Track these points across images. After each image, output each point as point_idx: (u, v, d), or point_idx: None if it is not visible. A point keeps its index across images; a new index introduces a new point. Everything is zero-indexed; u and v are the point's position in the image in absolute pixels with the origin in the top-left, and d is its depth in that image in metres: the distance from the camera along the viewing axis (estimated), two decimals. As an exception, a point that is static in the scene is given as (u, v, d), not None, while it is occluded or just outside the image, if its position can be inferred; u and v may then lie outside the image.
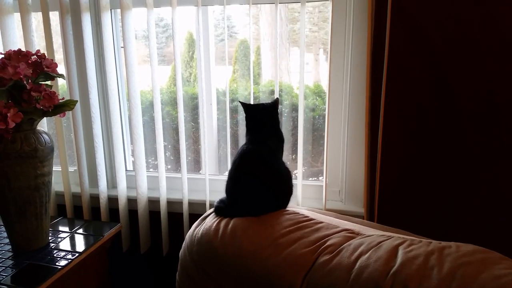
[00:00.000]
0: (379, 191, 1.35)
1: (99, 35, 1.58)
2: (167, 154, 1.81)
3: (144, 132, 1.65)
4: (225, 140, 1.59)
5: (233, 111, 1.69)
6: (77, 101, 1.32)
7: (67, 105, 1.30)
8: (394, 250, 0.92)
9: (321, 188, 1.53)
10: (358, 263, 0.92)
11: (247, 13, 1.72)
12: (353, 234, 1.05)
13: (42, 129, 1.30)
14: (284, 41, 1.67)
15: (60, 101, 1.28)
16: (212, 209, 1.25)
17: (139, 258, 1.65)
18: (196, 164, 1.79)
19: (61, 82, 1.72)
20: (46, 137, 1.29)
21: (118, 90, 1.65)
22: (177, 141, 1.72)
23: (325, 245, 1.01)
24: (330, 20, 1.36)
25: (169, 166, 1.83)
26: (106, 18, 1.50)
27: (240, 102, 1.30)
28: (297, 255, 1.01)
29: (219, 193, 1.59)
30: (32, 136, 1.24)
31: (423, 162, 1.31)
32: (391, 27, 1.24)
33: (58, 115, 1.29)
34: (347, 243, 0.99)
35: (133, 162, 1.56)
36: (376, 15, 1.28)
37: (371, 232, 1.06)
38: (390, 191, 1.35)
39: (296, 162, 1.50)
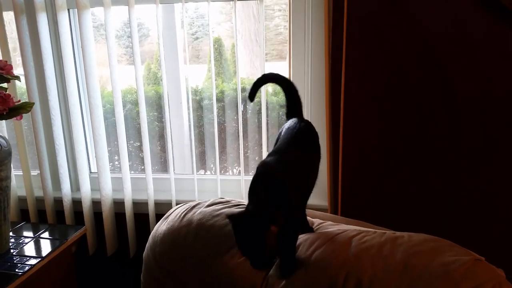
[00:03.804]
0: (341, 185, 1.37)
1: (57, 35, 1.54)
2: (140, 155, 1.79)
3: (111, 132, 1.63)
4: (198, 139, 1.58)
5: (207, 109, 1.68)
6: (33, 103, 1.29)
7: (24, 108, 1.27)
8: (348, 242, 0.93)
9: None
10: (313, 257, 0.93)
11: (221, 11, 1.71)
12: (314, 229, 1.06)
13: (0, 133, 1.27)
14: (258, 38, 1.67)
15: (16, 103, 1.25)
16: (174, 208, 1.24)
17: (106, 260, 1.63)
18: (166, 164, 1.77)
19: (21, 84, 1.68)
20: (2, 141, 1.25)
21: (79, 90, 1.62)
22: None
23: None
24: (288, 16, 1.37)
25: (142, 167, 1.80)
26: (63, 18, 1.47)
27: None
28: (259, 255, 1.02)
29: (187, 192, 1.59)
30: (-14, 140, 1.21)
31: (384, 155, 1.34)
32: (348, 19, 1.26)
33: (15, 118, 1.26)
34: (305, 237, 1.01)
35: (96, 164, 1.54)
36: (334, 10, 1.29)
37: (330, 226, 1.08)
38: (352, 185, 1.37)
39: (262, 158, 1.51)
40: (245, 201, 1.22)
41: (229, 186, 1.61)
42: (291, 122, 1.04)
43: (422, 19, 1.23)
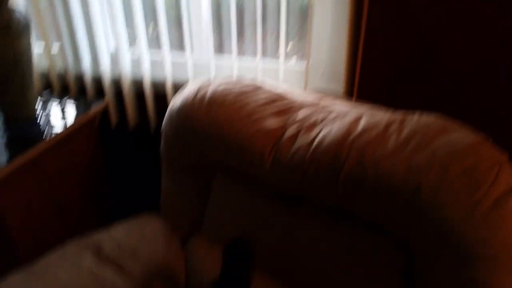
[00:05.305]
0: (361, 66, 1.35)
1: None
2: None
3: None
4: (217, 22, 1.53)
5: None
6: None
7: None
8: (358, 119, 0.95)
9: (304, 68, 1.52)
10: (321, 133, 0.96)
11: None
12: (323, 107, 1.08)
13: (17, 6, 1.27)
14: None
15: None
16: (189, 84, 1.26)
17: (128, 135, 1.72)
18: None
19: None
20: (19, 13, 1.26)
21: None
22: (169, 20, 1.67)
23: (293, 119, 1.05)
24: None
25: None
26: None
27: None
28: (267, 129, 1.06)
29: (204, 74, 1.60)
30: (3, 13, 1.21)
31: (404, 43, 1.29)
32: None
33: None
34: (315, 115, 1.03)
35: (115, 41, 1.54)
36: None
37: (343, 106, 1.09)
38: (372, 67, 1.35)
39: (278, 40, 1.47)
40: (257, 80, 1.23)
41: (245, 70, 1.60)
42: None
43: None
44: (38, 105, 1.51)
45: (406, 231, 0.89)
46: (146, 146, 1.79)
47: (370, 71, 1.35)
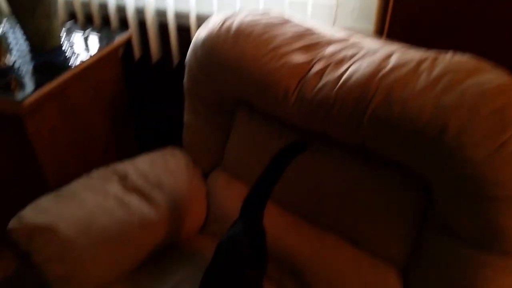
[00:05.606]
0: (392, 9, 1.29)
1: None
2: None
3: None
4: None
5: None
6: None
7: None
8: (389, 56, 0.93)
9: (333, 4, 1.47)
10: (349, 69, 0.94)
11: None
12: (353, 44, 1.05)
13: None
14: None
15: None
16: (214, 16, 1.24)
17: (151, 68, 1.72)
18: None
19: None
20: None
21: None
22: None
23: (321, 54, 1.03)
24: None
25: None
26: None
27: None
28: (294, 63, 1.04)
29: (230, 7, 1.56)
30: None
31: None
32: None
33: None
34: (344, 51, 1.00)
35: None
36: None
37: (373, 44, 1.05)
38: (403, 9, 1.29)
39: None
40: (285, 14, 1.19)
41: (272, 4, 1.55)
42: None
43: None
44: (63, 35, 1.51)
45: (428, 170, 0.90)
46: (169, 80, 1.79)
47: (402, 10, 1.30)
